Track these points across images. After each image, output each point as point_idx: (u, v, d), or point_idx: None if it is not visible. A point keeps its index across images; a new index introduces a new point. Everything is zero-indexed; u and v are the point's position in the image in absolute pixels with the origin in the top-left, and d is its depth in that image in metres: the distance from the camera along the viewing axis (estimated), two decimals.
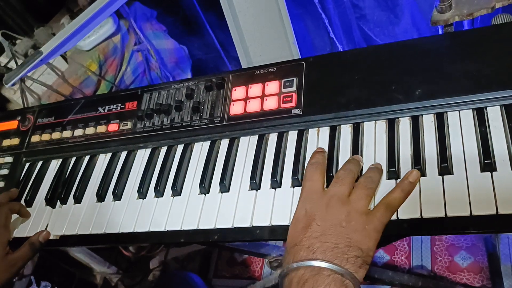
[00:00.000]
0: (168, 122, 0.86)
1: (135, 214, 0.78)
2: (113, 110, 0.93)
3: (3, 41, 1.25)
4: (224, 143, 0.81)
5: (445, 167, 0.61)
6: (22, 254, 0.81)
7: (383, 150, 0.68)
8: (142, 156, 0.87)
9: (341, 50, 1.38)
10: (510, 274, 1.39)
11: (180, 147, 0.84)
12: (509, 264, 1.40)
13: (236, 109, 0.81)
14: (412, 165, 0.64)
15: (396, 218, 0.60)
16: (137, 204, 0.80)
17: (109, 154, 0.90)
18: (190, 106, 0.85)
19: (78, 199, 0.86)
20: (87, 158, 0.91)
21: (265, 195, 0.71)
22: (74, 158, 0.93)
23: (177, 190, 0.78)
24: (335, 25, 1.37)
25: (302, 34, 1.39)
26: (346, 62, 0.77)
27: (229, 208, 0.72)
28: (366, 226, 0.58)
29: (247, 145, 0.79)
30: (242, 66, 1.17)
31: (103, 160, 0.90)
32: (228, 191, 0.75)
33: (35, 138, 0.97)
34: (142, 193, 0.81)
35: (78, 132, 0.93)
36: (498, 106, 0.65)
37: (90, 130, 0.92)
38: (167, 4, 1.66)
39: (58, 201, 0.88)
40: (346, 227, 0.58)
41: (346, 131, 0.73)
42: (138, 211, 0.79)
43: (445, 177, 0.61)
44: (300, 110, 0.76)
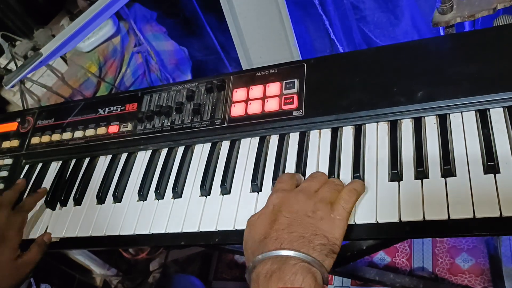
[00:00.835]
0: (168, 124, 0.86)
1: (136, 216, 0.78)
2: (113, 112, 0.92)
3: (3, 42, 1.25)
4: (225, 145, 0.81)
5: (448, 169, 0.61)
6: (31, 256, 0.81)
7: (385, 152, 0.68)
8: (142, 158, 0.87)
9: (341, 51, 1.38)
10: None
11: (180, 149, 0.84)
12: (510, 266, 1.39)
13: (237, 110, 0.81)
14: (414, 167, 0.64)
15: (398, 221, 0.60)
16: (137, 206, 0.80)
17: (109, 156, 0.90)
18: (190, 108, 0.85)
19: (78, 201, 0.85)
20: (87, 160, 0.91)
21: (266, 197, 0.70)
22: (74, 160, 0.93)
23: (177, 192, 0.78)
24: (336, 26, 1.37)
25: (302, 35, 1.38)
26: (348, 64, 0.77)
27: (230, 210, 0.72)
28: (331, 215, 0.59)
29: (248, 147, 0.79)
30: (243, 68, 1.17)
31: (103, 162, 0.90)
32: (229, 193, 0.74)
33: (35, 140, 0.97)
34: (143, 195, 0.80)
35: (78, 134, 0.93)
36: (501, 108, 0.64)
37: (90, 132, 0.92)
38: (167, 5, 1.65)
39: (58, 203, 0.87)
40: (312, 217, 0.59)
41: (348, 133, 0.72)
42: (139, 214, 0.78)
43: (448, 179, 0.61)
44: (301, 112, 0.76)
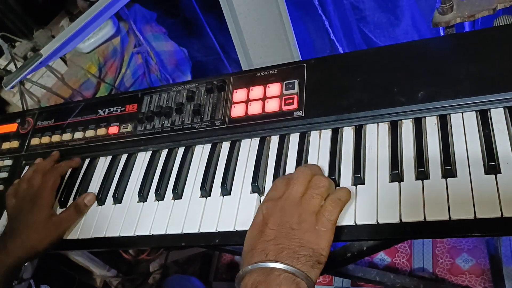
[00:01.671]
0: (168, 124, 0.86)
1: (136, 217, 0.78)
2: (113, 112, 0.92)
3: (3, 43, 1.25)
4: (225, 146, 0.81)
5: (448, 170, 0.61)
6: (66, 215, 0.81)
7: (386, 152, 0.67)
8: (142, 159, 0.86)
9: (341, 52, 1.38)
10: None
11: (181, 150, 0.84)
12: (511, 266, 1.39)
13: (237, 111, 0.81)
14: (415, 167, 0.64)
15: (399, 221, 0.60)
16: (137, 207, 0.79)
17: (109, 157, 0.89)
18: (190, 109, 0.85)
19: None
20: (87, 161, 0.91)
21: None
22: None
23: (178, 193, 0.77)
24: (336, 27, 1.37)
25: (302, 36, 1.38)
26: (348, 64, 0.77)
27: (230, 211, 0.72)
28: (316, 227, 0.60)
29: (249, 147, 0.78)
30: (243, 68, 1.17)
31: (103, 163, 0.89)
32: (229, 194, 0.74)
33: (35, 141, 0.96)
34: (143, 196, 0.80)
35: (78, 135, 0.92)
36: (502, 108, 0.64)
37: (90, 133, 0.91)
38: (167, 6, 1.65)
39: (58, 204, 0.87)
40: (298, 229, 0.60)
41: (348, 134, 0.72)
42: (139, 215, 0.78)
43: (448, 179, 0.60)
44: (302, 113, 0.76)
